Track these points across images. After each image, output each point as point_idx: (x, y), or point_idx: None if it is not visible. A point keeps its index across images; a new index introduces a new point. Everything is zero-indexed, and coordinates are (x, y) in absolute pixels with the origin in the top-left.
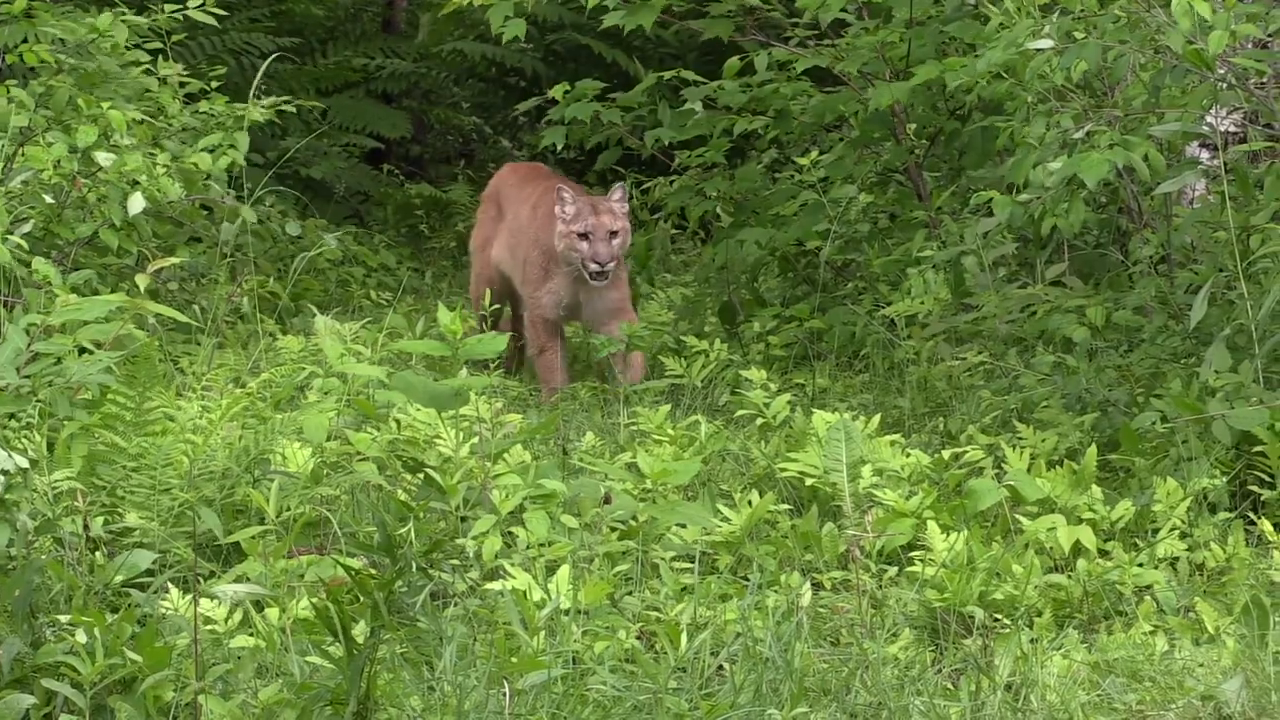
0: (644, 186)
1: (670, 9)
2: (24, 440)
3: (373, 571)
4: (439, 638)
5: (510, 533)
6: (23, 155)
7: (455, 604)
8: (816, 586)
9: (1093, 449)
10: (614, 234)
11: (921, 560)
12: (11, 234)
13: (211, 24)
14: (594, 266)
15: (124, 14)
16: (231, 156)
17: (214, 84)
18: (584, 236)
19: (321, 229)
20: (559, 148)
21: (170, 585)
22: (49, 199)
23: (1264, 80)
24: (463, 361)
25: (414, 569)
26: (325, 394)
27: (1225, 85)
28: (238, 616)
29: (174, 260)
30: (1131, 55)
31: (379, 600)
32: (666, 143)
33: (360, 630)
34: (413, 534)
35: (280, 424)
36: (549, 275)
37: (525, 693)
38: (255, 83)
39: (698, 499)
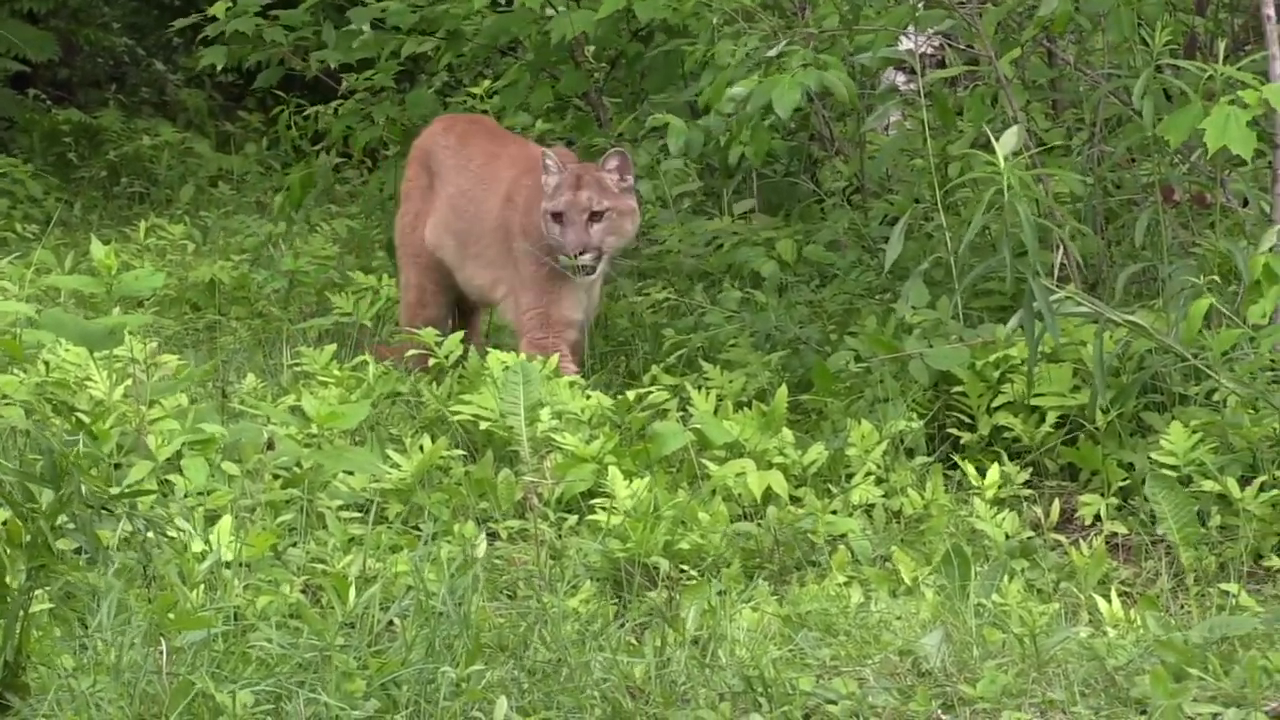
0: (306, 112)
1: None
2: None
3: (33, 506)
4: (92, 592)
5: (167, 480)
6: None
7: (110, 558)
8: (492, 536)
9: (783, 390)
10: (595, 215)
11: (603, 508)
12: None
13: None
14: (564, 259)
15: None
16: None
17: None
18: (557, 218)
19: None
20: (218, 69)
21: None
22: None
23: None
24: (116, 298)
25: (82, 495)
26: None
27: (923, 4)
28: None
29: None
30: None
31: (45, 530)
32: (332, 65)
33: (14, 579)
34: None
35: None
36: (555, 270)
37: (184, 650)
38: None
39: (366, 444)
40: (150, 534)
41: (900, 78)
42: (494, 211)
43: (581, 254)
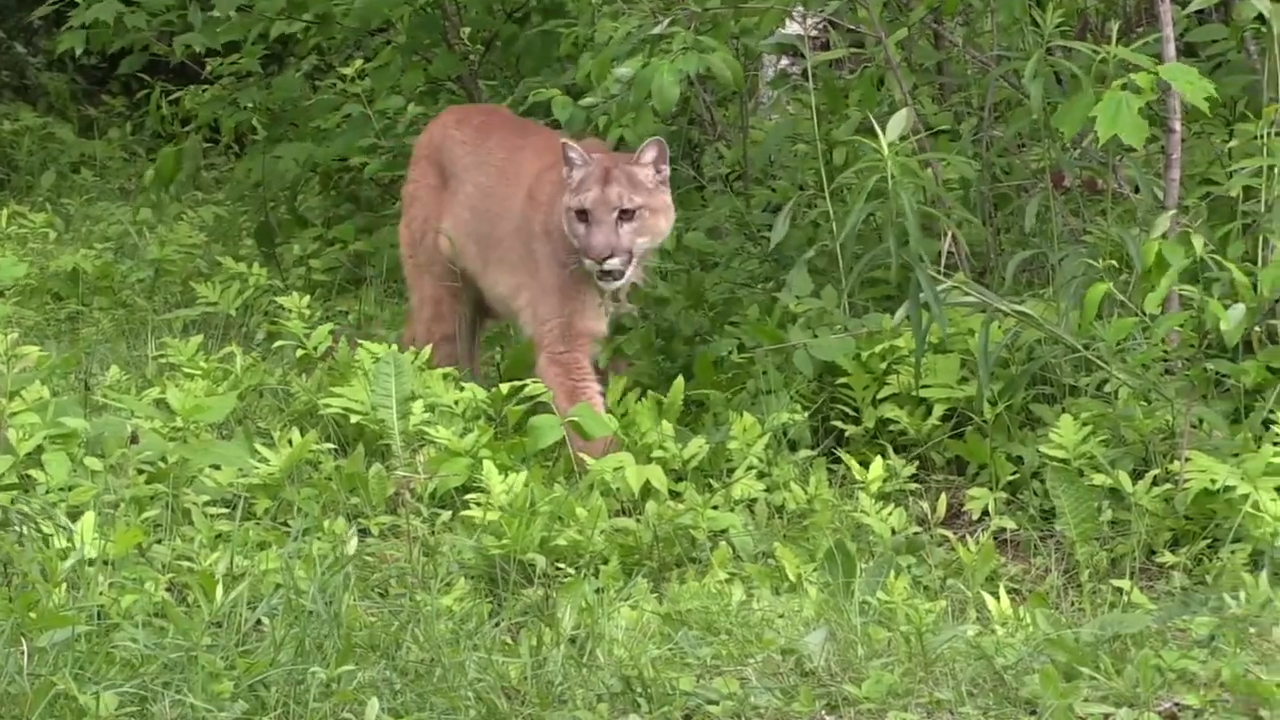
0: (172, 96)
1: None
2: None
3: None
4: None
5: (28, 475)
6: None
7: None
8: (363, 533)
9: (679, 382)
10: (625, 214)
11: (478, 503)
12: None
13: None
14: (588, 263)
15: None
16: None
17: None
18: (582, 216)
19: None
20: (78, 54)
21: None
22: None
23: None
24: None
25: None
26: None
27: None
28: None
29: None
30: None
31: None
32: (198, 49)
33: None
34: None
35: None
36: (577, 278)
37: (46, 650)
38: None
39: (233, 438)
40: (24, 529)
41: (783, 61)
42: (516, 210)
43: (609, 258)
